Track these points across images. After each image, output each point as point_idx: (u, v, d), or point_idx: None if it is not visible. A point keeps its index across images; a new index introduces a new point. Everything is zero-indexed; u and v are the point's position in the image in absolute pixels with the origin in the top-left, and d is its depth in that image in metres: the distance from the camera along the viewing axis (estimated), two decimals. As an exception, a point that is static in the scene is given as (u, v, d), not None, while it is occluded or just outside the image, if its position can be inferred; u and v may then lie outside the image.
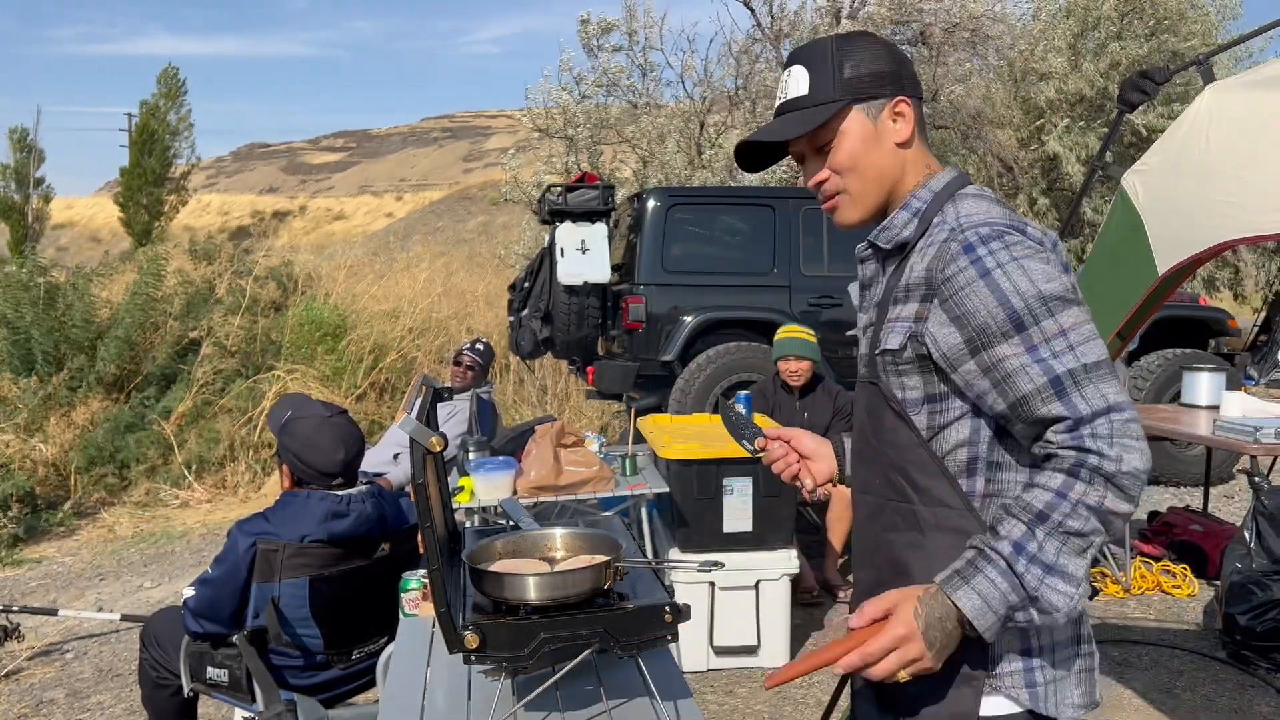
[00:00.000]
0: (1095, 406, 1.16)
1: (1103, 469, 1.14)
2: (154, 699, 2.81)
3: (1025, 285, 1.20)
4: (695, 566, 1.78)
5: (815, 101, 1.33)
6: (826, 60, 1.34)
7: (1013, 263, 1.21)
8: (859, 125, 1.33)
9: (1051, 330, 1.19)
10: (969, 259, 1.22)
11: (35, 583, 5.41)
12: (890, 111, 1.33)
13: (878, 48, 1.34)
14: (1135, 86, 2.37)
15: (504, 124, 70.29)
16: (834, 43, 1.35)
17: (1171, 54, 13.09)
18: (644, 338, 6.56)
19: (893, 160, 1.35)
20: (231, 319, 8.39)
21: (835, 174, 1.36)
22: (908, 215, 1.34)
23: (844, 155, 1.34)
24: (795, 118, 1.34)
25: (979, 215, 1.27)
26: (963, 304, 1.22)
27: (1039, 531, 1.15)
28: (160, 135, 30.03)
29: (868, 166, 1.34)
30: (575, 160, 12.14)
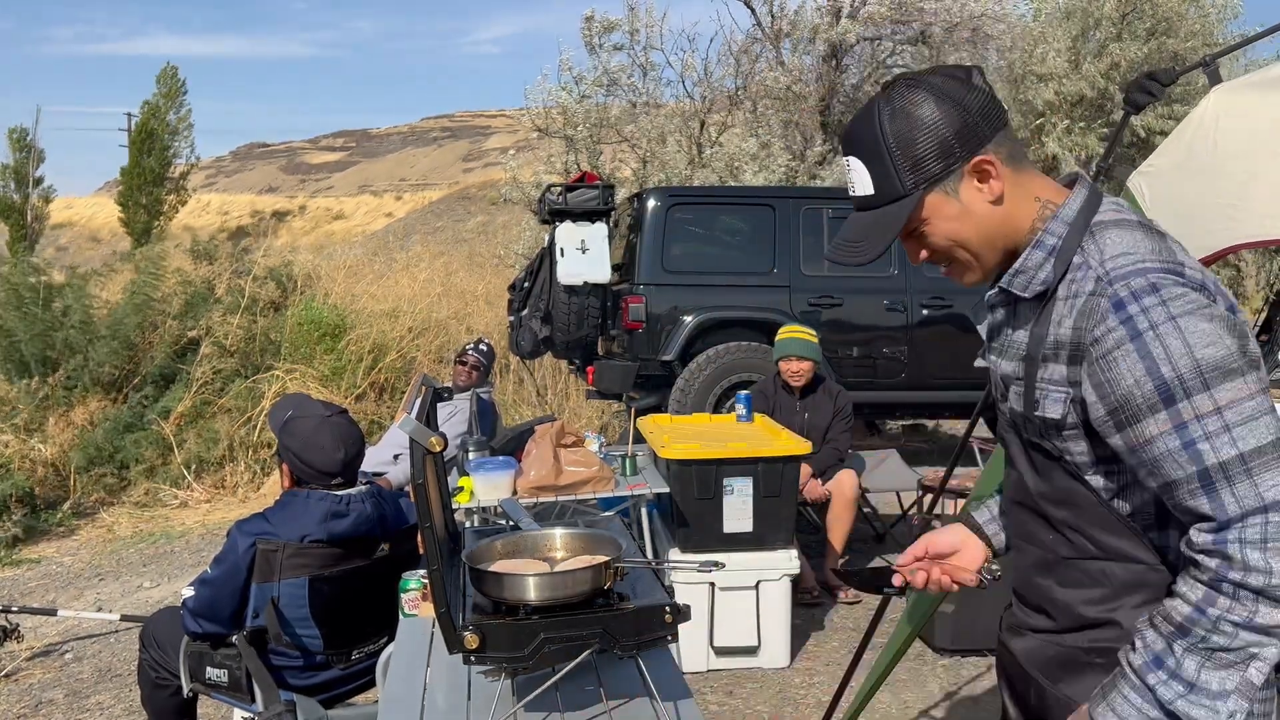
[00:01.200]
0: (1247, 506, 1.05)
1: (1248, 583, 1.04)
2: (153, 699, 2.80)
3: (1179, 350, 1.07)
4: (695, 566, 1.78)
5: (884, 200, 1.23)
6: (881, 151, 1.21)
7: (1169, 323, 1.08)
8: (941, 207, 1.22)
9: (1205, 407, 1.07)
10: (1119, 318, 1.10)
11: (35, 583, 5.40)
12: (971, 177, 1.21)
13: (931, 109, 1.19)
14: (1141, 88, 2.37)
15: (504, 124, 70.29)
16: (884, 124, 1.21)
17: (1172, 55, 13.10)
18: (644, 338, 6.56)
19: (993, 219, 1.23)
20: (231, 319, 8.38)
21: (941, 255, 1.27)
22: (1042, 255, 1.22)
23: (938, 239, 1.25)
24: (870, 227, 1.24)
25: (1127, 257, 1.14)
26: (1108, 369, 1.12)
27: (1178, 646, 1.08)
28: (160, 135, 30.06)
29: (968, 238, 1.24)
30: (575, 160, 12.14)
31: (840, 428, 4.84)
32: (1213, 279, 1.18)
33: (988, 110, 1.21)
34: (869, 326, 6.80)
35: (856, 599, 4.59)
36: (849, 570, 1.69)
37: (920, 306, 6.84)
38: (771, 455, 3.80)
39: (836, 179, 11.53)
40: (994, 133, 1.21)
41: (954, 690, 3.66)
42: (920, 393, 6.89)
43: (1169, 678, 1.08)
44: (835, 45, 12.15)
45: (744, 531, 3.80)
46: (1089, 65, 13.27)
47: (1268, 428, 1.07)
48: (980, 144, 1.20)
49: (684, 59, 12.70)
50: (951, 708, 3.53)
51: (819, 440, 4.76)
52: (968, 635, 3.87)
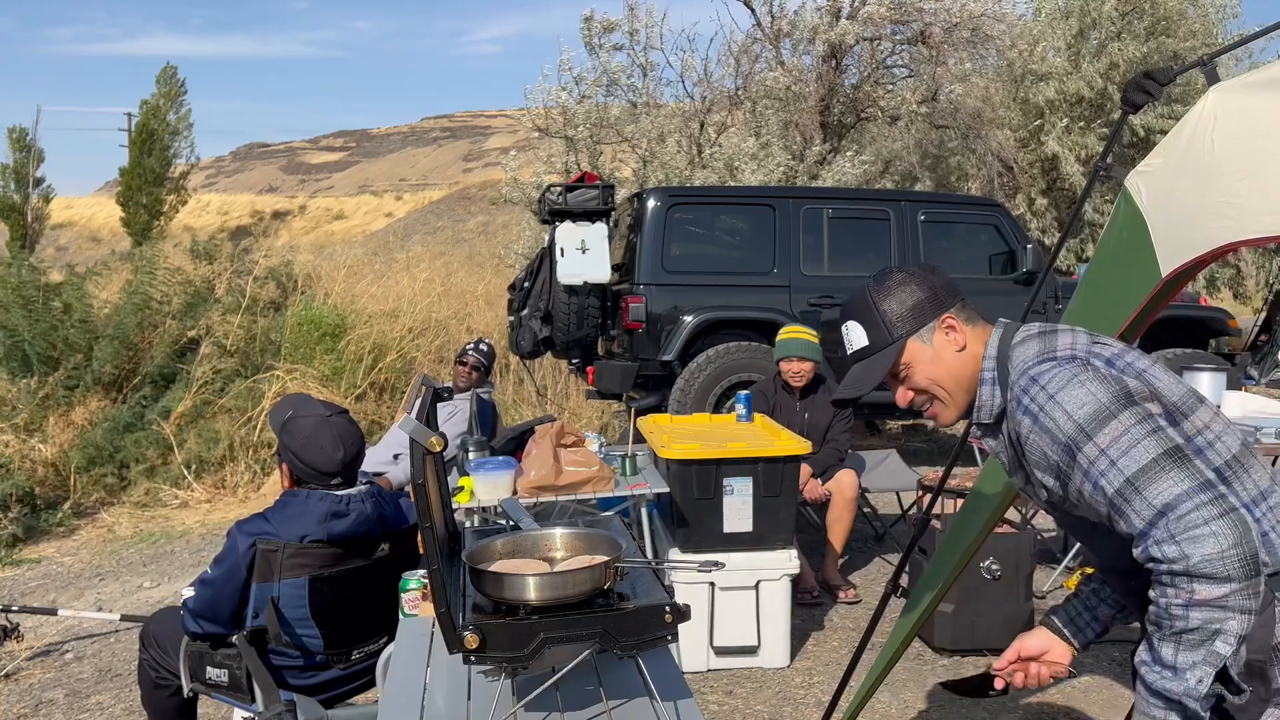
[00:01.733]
0: (1146, 516, 1.32)
1: (1175, 570, 1.28)
2: (153, 699, 2.80)
3: (1063, 419, 1.40)
4: (695, 566, 1.78)
5: (875, 349, 1.60)
6: (871, 311, 1.60)
7: (1050, 401, 1.42)
8: (919, 352, 1.59)
9: (1093, 453, 1.37)
10: (1022, 412, 1.46)
11: (35, 583, 5.40)
12: (940, 330, 1.58)
13: (908, 283, 1.60)
14: (1139, 87, 2.37)
15: (504, 124, 70.27)
16: (873, 295, 1.60)
17: (1171, 54, 13.09)
18: (644, 338, 6.56)
19: (960, 363, 1.58)
20: (231, 319, 8.38)
21: (922, 393, 1.62)
22: (988, 389, 1.56)
23: (919, 379, 1.60)
24: (865, 368, 1.61)
25: (1020, 365, 1.49)
26: (1033, 453, 1.47)
27: (1155, 639, 1.33)
28: (160, 135, 30.08)
29: (943, 378, 1.59)
30: (575, 160, 12.14)
31: (840, 428, 4.85)
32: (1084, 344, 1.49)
33: (949, 287, 1.61)
34: (869, 326, 6.79)
35: (856, 599, 4.59)
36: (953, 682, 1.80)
37: (920, 306, 6.83)
38: (771, 455, 3.80)
39: (836, 179, 11.53)
40: (954, 301, 1.60)
41: (954, 690, 3.65)
42: (920, 393, 6.88)
43: (1156, 665, 1.33)
44: (835, 45, 12.14)
45: (744, 531, 3.80)
46: (1088, 65, 13.26)
47: (1145, 450, 1.34)
48: (944, 308, 1.59)
49: (684, 59, 12.70)
50: (951, 708, 3.53)
51: (819, 440, 4.76)
52: (967, 635, 3.88)
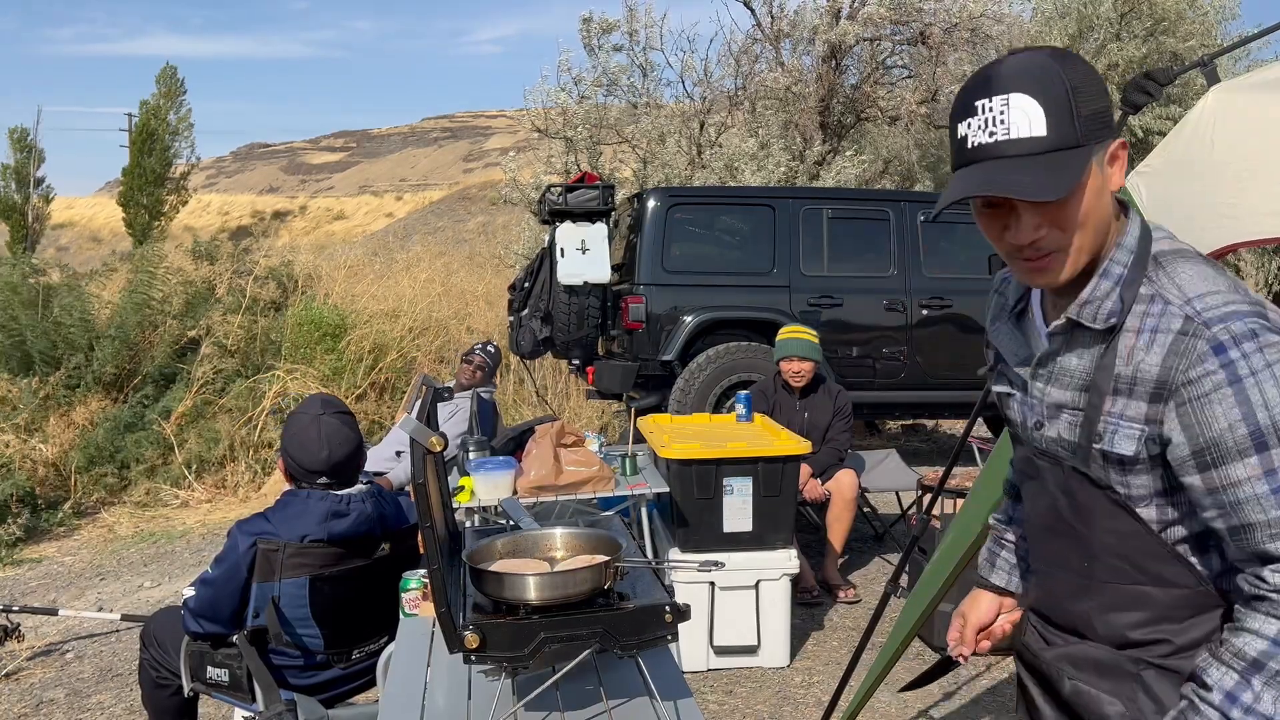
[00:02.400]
0: None
1: None
2: (154, 699, 2.81)
3: (1276, 398, 1.08)
4: (695, 566, 1.78)
5: (1058, 145, 1.10)
6: (1062, 92, 1.11)
7: (1266, 370, 1.09)
8: (1095, 175, 1.14)
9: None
10: (1219, 362, 1.10)
11: (35, 583, 5.40)
12: (1111, 154, 1.16)
13: (1095, 73, 1.15)
14: (1139, 87, 2.37)
15: (504, 124, 70.30)
16: (1061, 68, 1.12)
17: (1170, 55, 13.10)
18: (644, 338, 6.56)
19: (1110, 210, 1.19)
20: (231, 318, 8.39)
21: (1059, 230, 1.16)
22: (1109, 285, 1.19)
23: (1082, 211, 1.14)
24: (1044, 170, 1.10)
25: (1216, 297, 1.13)
26: (1202, 411, 1.11)
27: (1255, 681, 1.09)
28: (160, 135, 30.07)
29: (1098, 220, 1.17)
30: (575, 160, 12.14)
31: (840, 427, 4.85)
32: None
33: None
34: (869, 326, 6.81)
35: (856, 599, 4.60)
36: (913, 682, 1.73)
37: (920, 307, 6.84)
38: (771, 455, 3.80)
39: (836, 179, 11.53)
40: None
41: (954, 690, 3.66)
42: (920, 392, 6.90)
43: (1245, 713, 1.09)
44: (835, 46, 12.15)
45: (744, 531, 3.81)
46: (1088, 65, 13.26)
47: None
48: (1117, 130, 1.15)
49: (684, 59, 12.70)
50: (951, 707, 3.53)
51: (819, 440, 4.77)
52: (967, 635, 3.87)
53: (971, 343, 6.89)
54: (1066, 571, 1.31)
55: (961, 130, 1.15)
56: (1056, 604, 1.35)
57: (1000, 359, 1.38)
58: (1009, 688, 3.66)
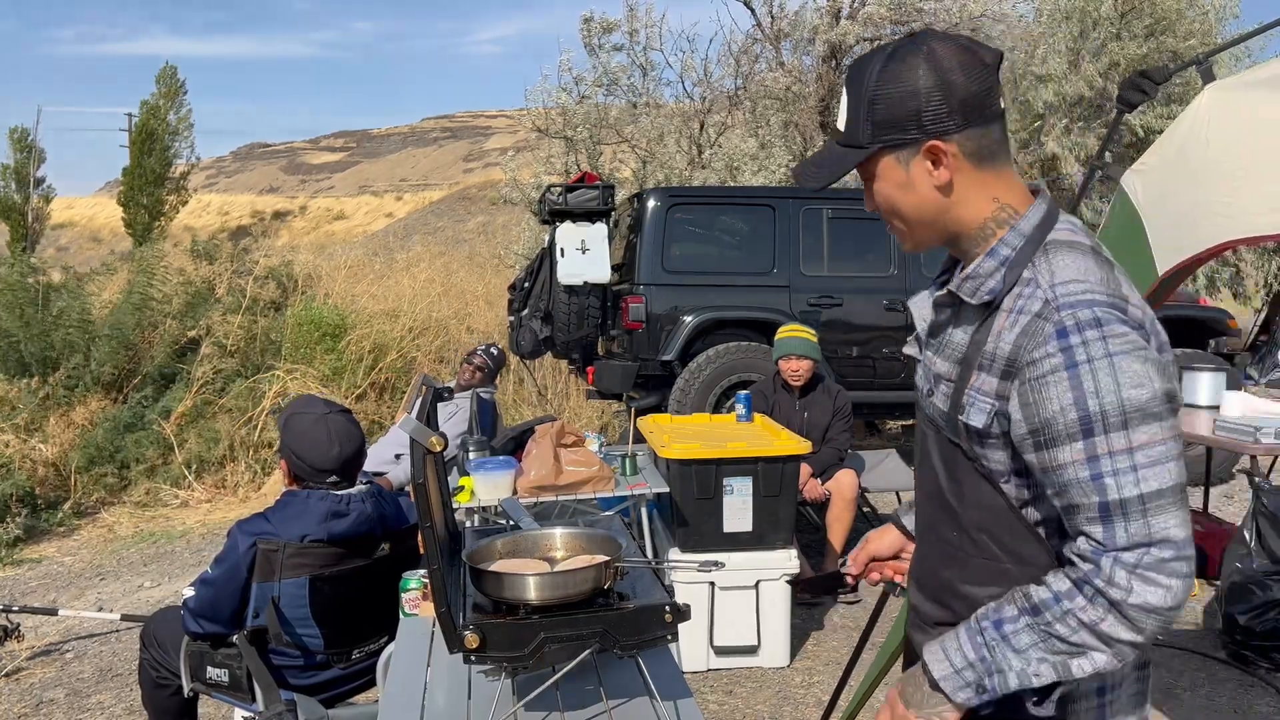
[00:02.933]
0: (1134, 539, 1.13)
1: (1108, 594, 1.12)
2: (154, 699, 2.81)
3: (1109, 387, 1.12)
4: (695, 566, 1.79)
5: (847, 142, 1.26)
6: (862, 94, 1.23)
7: (1105, 359, 1.12)
8: (890, 171, 1.25)
9: (1119, 445, 1.13)
10: (1059, 345, 1.14)
11: (35, 583, 5.41)
12: (924, 157, 1.22)
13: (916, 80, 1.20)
14: (1135, 86, 2.37)
15: (504, 124, 70.32)
16: (875, 74, 1.22)
17: (1170, 54, 13.10)
18: (644, 338, 6.56)
19: (936, 203, 1.25)
20: (231, 319, 8.39)
21: (883, 210, 1.30)
22: (994, 264, 1.24)
23: (881, 199, 1.28)
24: (829, 160, 1.28)
25: (1078, 284, 1.16)
26: (1038, 392, 1.15)
27: (1023, 620, 1.18)
28: (160, 135, 30.06)
29: (907, 211, 1.27)
30: (575, 160, 12.14)
31: (840, 427, 4.85)
32: (1150, 316, 1.21)
33: (971, 103, 1.20)
34: (868, 326, 6.80)
35: (856, 599, 4.60)
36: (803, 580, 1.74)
37: (920, 306, 6.84)
38: (771, 455, 3.80)
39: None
40: (967, 125, 1.21)
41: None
42: (920, 392, 6.89)
43: (1000, 637, 1.18)
44: (835, 46, 12.15)
45: (744, 531, 3.81)
46: (1088, 65, 13.27)
47: (1170, 473, 1.16)
48: (944, 131, 1.21)
49: (684, 59, 12.70)
50: (951, 707, 3.53)
51: (819, 440, 4.77)
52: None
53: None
54: (939, 539, 1.34)
55: None
56: (930, 570, 1.38)
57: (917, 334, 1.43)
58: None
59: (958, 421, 1.26)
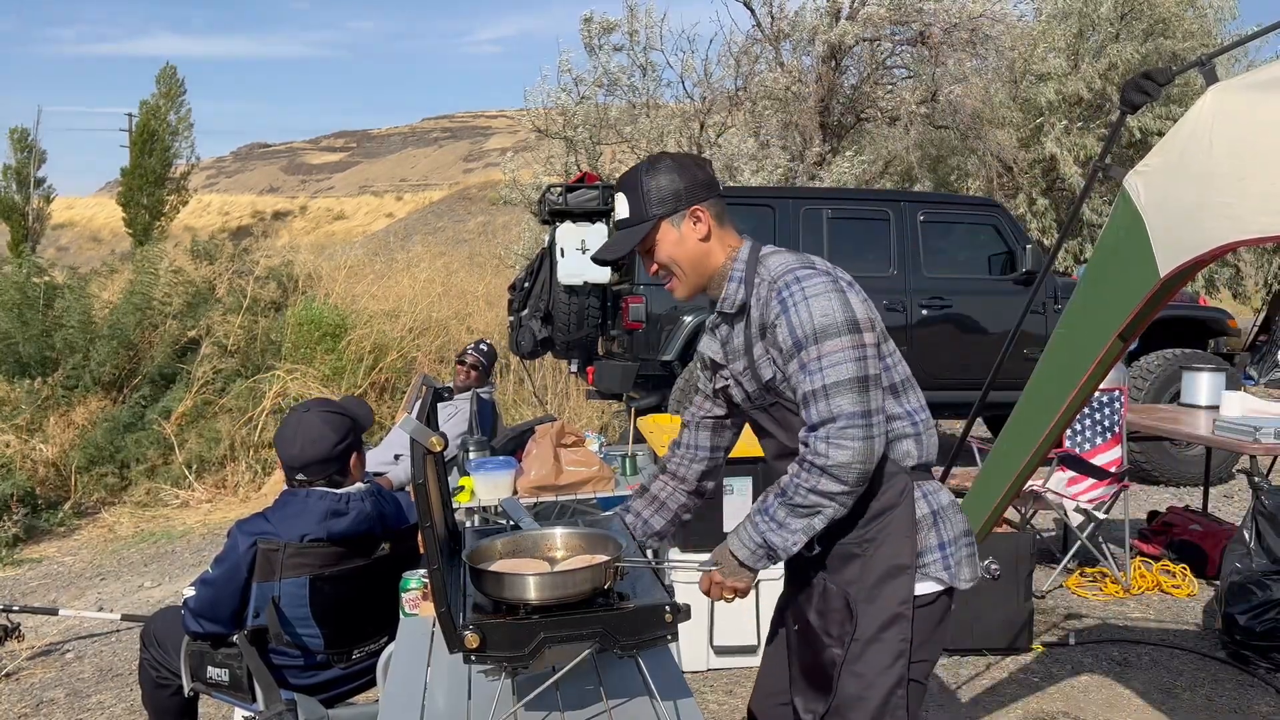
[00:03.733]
0: (823, 416, 1.66)
1: (815, 462, 1.65)
2: (154, 699, 2.81)
3: (805, 318, 1.68)
4: (695, 566, 1.79)
5: (636, 221, 1.81)
6: (637, 189, 1.80)
7: (803, 301, 1.68)
8: (668, 233, 1.81)
9: (813, 355, 1.67)
10: (778, 300, 1.71)
11: (36, 583, 5.41)
12: (689, 218, 1.80)
13: (674, 170, 1.80)
14: (1137, 87, 2.37)
15: (504, 124, 70.29)
16: (642, 173, 1.80)
17: (1170, 55, 13.11)
18: (644, 338, 6.56)
19: (699, 251, 1.82)
20: (231, 318, 8.39)
21: (662, 266, 1.83)
22: (735, 284, 1.81)
23: (664, 255, 1.82)
24: (623, 236, 1.82)
25: (782, 266, 1.75)
26: (775, 332, 1.72)
27: (775, 500, 1.71)
28: (160, 135, 30.07)
29: (682, 260, 1.82)
30: (575, 161, 12.14)
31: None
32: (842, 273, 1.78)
33: (707, 182, 1.83)
34: (869, 326, 6.80)
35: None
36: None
37: (920, 306, 6.84)
38: (771, 455, 3.80)
39: (836, 179, 11.53)
40: (709, 196, 1.82)
41: (953, 689, 3.66)
42: (919, 392, 6.89)
43: (768, 518, 1.71)
44: (834, 46, 12.15)
45: (744, 531, 3.80)
46: (1087, 66, 13.27)
47: (848, 371, 1.66)
48: (697, 200, 1.80)
49: (684, 60, 12.70)
50: (950, 707, 3.53)
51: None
52: (967, 635, 3.88)
53: (971, 343, 6.89)
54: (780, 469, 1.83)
55: None
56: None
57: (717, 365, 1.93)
58: (1008, 687, 3.67)
59: (764, 384, 1.78)
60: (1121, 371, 6.12)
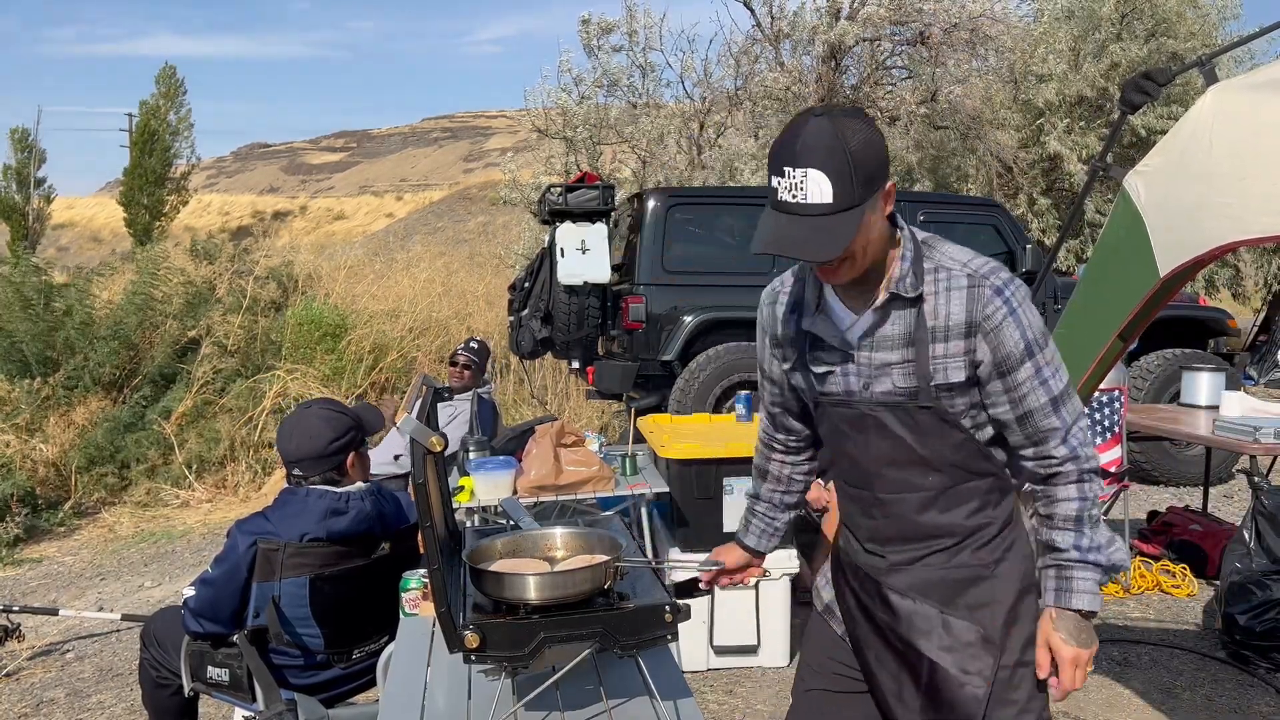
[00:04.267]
0: (1074, 414, 1.58)
1: (1090, 467, 1.59)
2: (154, 698, 2.81)
3: (1032, 320, 1.55)
4: (695, 566, 1.79)
5: (841, 208, 1.44)
6: (846, 167, 1.43)
7: (1025, 303, 1.55)
8: (870, 218, 1.49)
9: (1046, 359, 1.56)
10: (1001, 300, 1.54)
11: (36, 583, 5.41)
12: (884, 195, 1.52)
13: (874, 133, 1.47)
14: (1137, 87, 2.38)
15: (504, 124, 70.29)
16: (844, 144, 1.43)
17: (1171, 55, 13.10)
18: (644, 338, 6.56)
19: (884, 231, 1.56)
20: (231, 318, 8.39)
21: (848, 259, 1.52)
22: (907, 265, 1.57)
23: (859, 245, 1.50)
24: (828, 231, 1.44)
25: (977, 261, 1.58)
26: (997, 335, 1.54)
27: (1086, 529, 1.58)
28: (161, 135, 30.05)
29: (875, 243, 1.54)
30: (575, 161, 12.14)
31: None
32: None
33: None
34: (869, 326, 6.80)
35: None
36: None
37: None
38: (771, 455, 3.80)
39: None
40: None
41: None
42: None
43: (1095, 549, 1.59)
44: (834, 46, 12.15)
45: (744, 531, 3.80)
46: (1089, 66, 13.26)
47: (1064, 374, 1.60)
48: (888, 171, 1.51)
49: (683, 60, 12.71)
50: (951, 707, 3.53)
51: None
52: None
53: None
54: (912, 492, 1.65)
55: (775, 182, 1.50)
56: (905, 522, 1.67)
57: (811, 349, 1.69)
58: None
59: (928, 387, 1.58)
60: (1121, 371, 6.11)
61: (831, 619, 1.86)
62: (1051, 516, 1.60)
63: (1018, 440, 1.60)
